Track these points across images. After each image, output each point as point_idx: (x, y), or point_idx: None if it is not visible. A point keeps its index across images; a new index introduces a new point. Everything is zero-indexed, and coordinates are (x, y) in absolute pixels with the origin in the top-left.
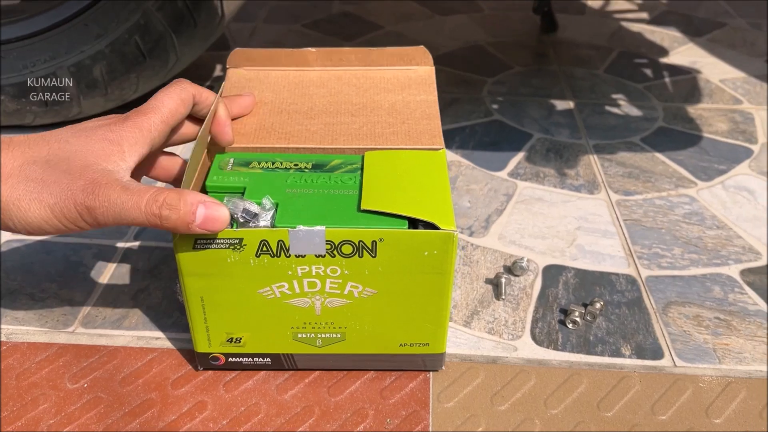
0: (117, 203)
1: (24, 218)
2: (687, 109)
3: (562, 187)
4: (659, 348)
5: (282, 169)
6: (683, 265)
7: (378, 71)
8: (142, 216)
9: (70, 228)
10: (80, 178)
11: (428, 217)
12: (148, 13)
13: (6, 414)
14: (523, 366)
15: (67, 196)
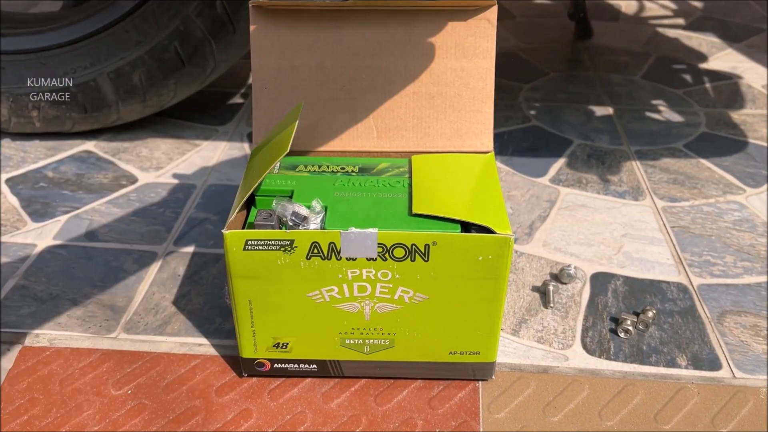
0: None
1: None
2: (730, 114)
3: (606, 194)
4: (716, 358)
5: (329, 173)
6: (736, 273)
7: (424, 24)
8: None
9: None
10: None
11: (482, 220)
12: (187, 20)
13: (51, 420)
14: (575, 376)
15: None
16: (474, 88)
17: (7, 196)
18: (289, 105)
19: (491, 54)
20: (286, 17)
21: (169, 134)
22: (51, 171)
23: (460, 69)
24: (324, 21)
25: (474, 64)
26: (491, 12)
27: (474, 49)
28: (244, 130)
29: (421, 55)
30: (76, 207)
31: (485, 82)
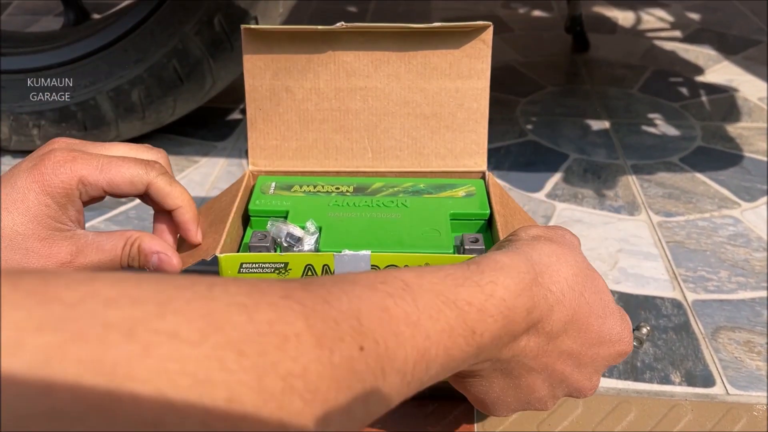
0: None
1: None
2: (726, 128)
3: (602, 209)
4: (710, 375)
5: (324, 193)
6: (731, 288)
7: (420, 52)
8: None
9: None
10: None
11: None
12: (186, 38)
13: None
14: None
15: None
16: (468, 109)
17: None
18: (284, 126)
19: (486, 75)
20: (279, 39)
21: (168, 150)
22: None
23: (455, 90)
24: (318, 43)
25: (469, 84)
26: (487, 33)
27: (469, 69)
28: (242, 146)
29: (416, 76)
30: None
31: (480, 103)
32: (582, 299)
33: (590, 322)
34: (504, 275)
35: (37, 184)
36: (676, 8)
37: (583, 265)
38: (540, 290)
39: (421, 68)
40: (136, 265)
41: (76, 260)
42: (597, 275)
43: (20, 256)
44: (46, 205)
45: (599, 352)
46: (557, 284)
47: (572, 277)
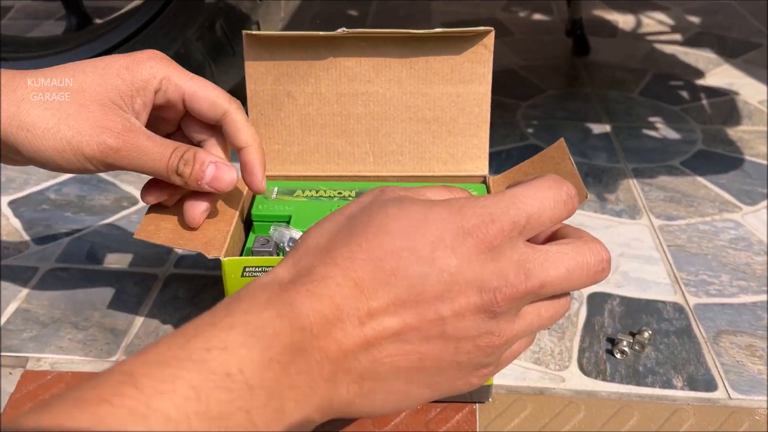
0: (143, 150)
1: (35, 147)
2: (726, 131)
3: (603, 212)
4: (712, 379)
5: (326, 198)
6: (732, 292)
7: (421, 59)
8: (163, 167)
9: (79, 166)
10: (100, 120)
11: None
12: (188, 43)
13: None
14: (572, 397)
15: (89, 133)
16: (470, 114)
17: (9, 219)
18: (285, 131)
19: (488, 79)
20: (281, 44)
21: None
22: (53, 193)
23: (456, 95)
24: (319, 48)
25: (470, 89)
26: (488, 38)
27: (470, 74)
28: None
29: (417, 81)
30: (77, 229)
31: (481, 108)
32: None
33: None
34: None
35: (126, 60)
36: (676, 11)
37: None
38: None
39: (422, 73)
40: (186, 174)
41: (121, 149)
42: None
43: (74, 110)
44: (123, 79)
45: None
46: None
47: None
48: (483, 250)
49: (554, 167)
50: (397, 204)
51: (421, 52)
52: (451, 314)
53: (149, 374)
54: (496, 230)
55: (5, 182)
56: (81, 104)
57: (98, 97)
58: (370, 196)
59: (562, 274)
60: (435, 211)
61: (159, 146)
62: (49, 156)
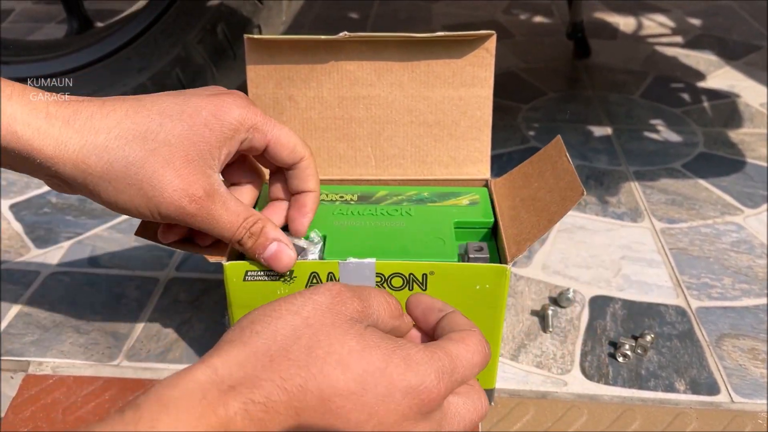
0: (215, 218)
1: (114, 199)
2: (728, 133)
3: (605, 215)
4: (715, 383)
5: (328, 202)
6: (734, 295)
7: (422, 62)
8: (229, 236)
9: (150, 217)
10: (184, 181)
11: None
12: (189, 46)
13: None
14: (574, 401)
15: (171, 196)
16: (472, 117)
17: (11, 222)
18: None
19: (489, 83)
20: (282, 49)
21: None
22: (54, 196)
23: (458, 98)
24: (320, 52)
25: (472, 92)
26: (490, 42)
27: (472, 78)
28: None
29: (419, 85)
30: (79, 233)
31: (483, 111)
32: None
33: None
34: (169, 412)
35: (213, 107)
36: (676, 14)
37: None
38: (231, 407)
39: (424, 77)
40: (247, 246)
41: (197, 215)
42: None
43: (160, 166)
44: (211, 129)
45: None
46: (263, 390)
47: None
48: (420, 412)
49: (552, 165)
50: (360, 338)
51: (422, 56)
52: None
53: None
54: (437, 395)
55: (6, 186)
56: (167, 160)
57: (185, 153)
58: (327, 297)
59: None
60: (394, 364)
61: (231, 215)
62: (124, 208)
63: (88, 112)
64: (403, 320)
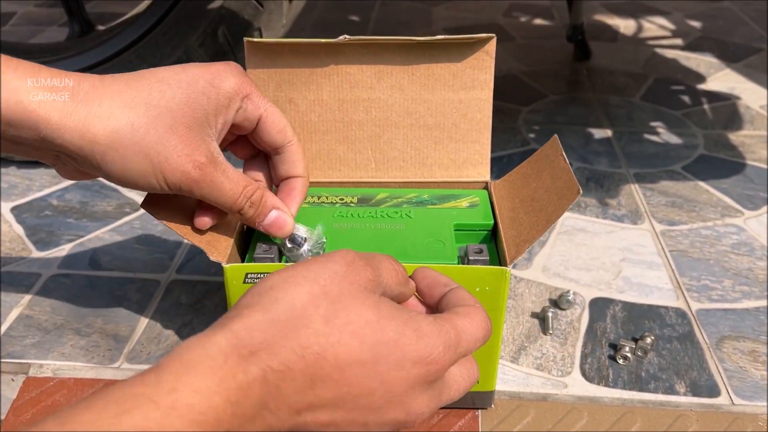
0: (218, 185)
1: (122, 169)
2: (728, 136)
3: (605, 218)
4: (715, 385)
5: (328, 204)
6: (735, 297)
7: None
8: (230, 204)
9: (157, 186)
10: (188, 147)
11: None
12: (190, 49)
13: None
14: (574, 403)
15: (177, 161)
16: (472, 120)
17: (12, 225)
18: None
19: (489, 85)
20: (282, 52)
21: None
22: (56, 199)
23: (458, 101)
24: (321, 55)
25: (472, 95)
26: (490, 45)
27: (472, 81)
28: None
29: (419, 87)
30: (80, 235)
31: (483, 114)
32: (328, 367)
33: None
34: (190, 375)
35: (209, 75)
36: (677, 16)
37: (346, 317)
38: (251, 373)
39: (424, 79)
40: (248, 215)
41: (201, 181)
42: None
43: (164, 132)
44: (208, 97)
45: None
46: (281, 356)
47: (312, 339)
48: (425, 381)
49: (549, 165)
50: (376, 309)
51: (422, 59)
52: (375, 424)
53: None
54: (443, 365)
55: (8, 189)
56: (170, 126)
57: (186, 119)
58: (342, 266)
59: (463, 388)
60: (406, 335)
61: (232, 183)
62: (129, 177)
63: (90, 84)
64: (408, 286)
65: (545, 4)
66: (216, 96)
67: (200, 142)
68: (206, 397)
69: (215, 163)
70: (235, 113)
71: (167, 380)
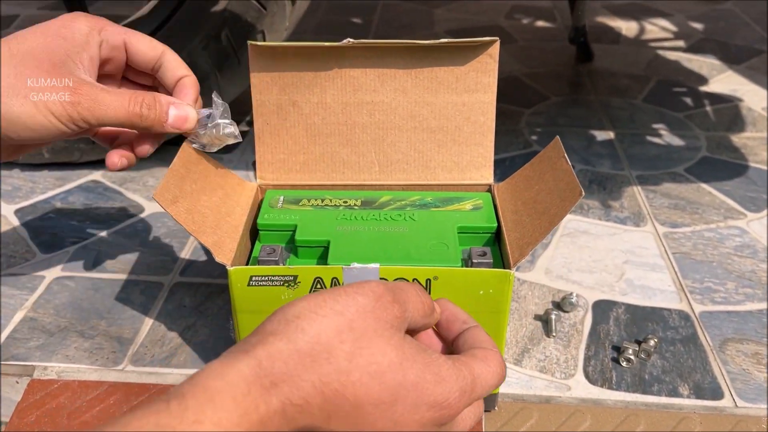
0: (101, 101)
1: (8, 116)
2: (731, 138)
3: (608, 220)
4: (718, 387)
5: (332, 207)
6: (738, 300)
7: (426, 69)
8: (125, 115)
9: (53, 129)
10: (58, 74)
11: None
12: (193, 53)
13: None
14: (578, 406)
15: (50, 90)
16: (475, 122)
17: (15, 227)
18: (291, 140)
19: (493, 88)
20: (286, 55)
21: None
22: (59, 201)
23: (462, 104)
24: (324, 58)
25: (475, 98)
26: (494, 48)
27: (476, 84)
28: (249, 158)
29: (422, 90)
30: (83, 238)
31: (486, 116)
32: (346, 405)
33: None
34: (214, 407)
35: (61, 21)
36: (679, 18)
37: (369, 352)
38: (272, 405)
39: (427, 83)
40: (151, 118)
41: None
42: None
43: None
44: (64, 38)
45: None
46: (302, 391)
47: (334, 376)
48: (437, 423)
49: (551, 167)
50: (399, 351)
51: (426, 62)
52: None
53: None
54: (456, 410)
55: (12, 191)
56: (36, 66)
57: (49, 57)
58: (371, 300)
59: (468, 426)
60: (425, 379)
61: (116, 95)
62: (22, 122)
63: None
64: (432, 317)
65: (547, 6)
66: (72, 36)
67: (67, 73)
68: (228, 430)
69: (91, 84)
70: (99, 47)
71: (192, 411)
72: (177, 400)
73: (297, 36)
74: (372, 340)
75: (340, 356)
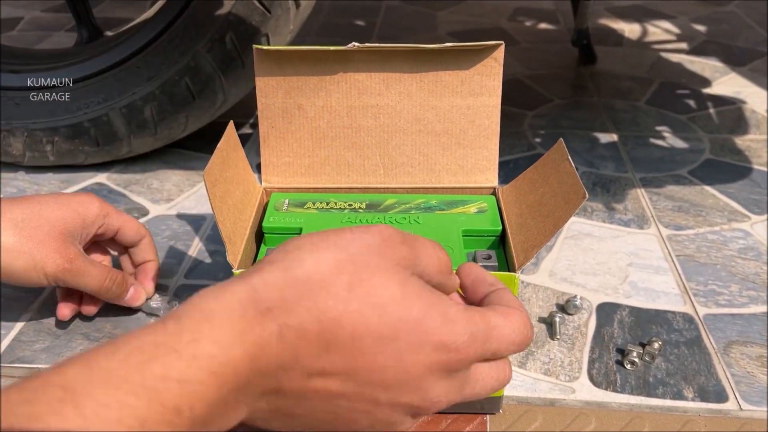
0: (87, 272)
1: (10, 267)
2: (734, 140)
3: (611, 222)
4: (723, 390)
5: (336, 210)
6: (742, 302)
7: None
8: (98, 286)
9: (36, 279)
10: (61, 247)
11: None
12: (198, 55)
13: None
14: (582, 408)
15: (52, 257)
16: (480, 126)
17: None
18: (296, 143)
19: (497, 92)
20: (291, 59)
21: (179, 165)
22: None
23: (466, 107)
24: (329, 62)
25: (480, 101)
26: (498, 51)
27: (480, 87)
28: (253, 160)
29: (427, 94)
30: None
31: (491, 120)
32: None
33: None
34: (211, 326)
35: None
36: (682, 20)
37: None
38: (268, 328)
39: (432, 86)
40: (116, 294)
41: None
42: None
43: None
44: (79, 215)
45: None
46: (299, 317)
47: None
48: (445, 369)
49: (555, 169)
50: (402, 286)
51: (431, 66)
52: (387, 404)
53: (93, 395)
54: (466, 356)
55: (16, 193)
56: (48, 234)
57: (60, 230)
58: (377, 239)
59: (490, 388)
60: (430, 317)
61: (98, 270)
62: (15, 272)
63: None
64: (450, 278)
65: (550, 8)
66: (84, 215)
67: (70, 245)
68: (226, 348)
69: (84, 258)
70: (97, 228)
71: (188, 329)
72: (173, 321)
73: (300, 38)
74: (374, 273)
75: (338, 286)
